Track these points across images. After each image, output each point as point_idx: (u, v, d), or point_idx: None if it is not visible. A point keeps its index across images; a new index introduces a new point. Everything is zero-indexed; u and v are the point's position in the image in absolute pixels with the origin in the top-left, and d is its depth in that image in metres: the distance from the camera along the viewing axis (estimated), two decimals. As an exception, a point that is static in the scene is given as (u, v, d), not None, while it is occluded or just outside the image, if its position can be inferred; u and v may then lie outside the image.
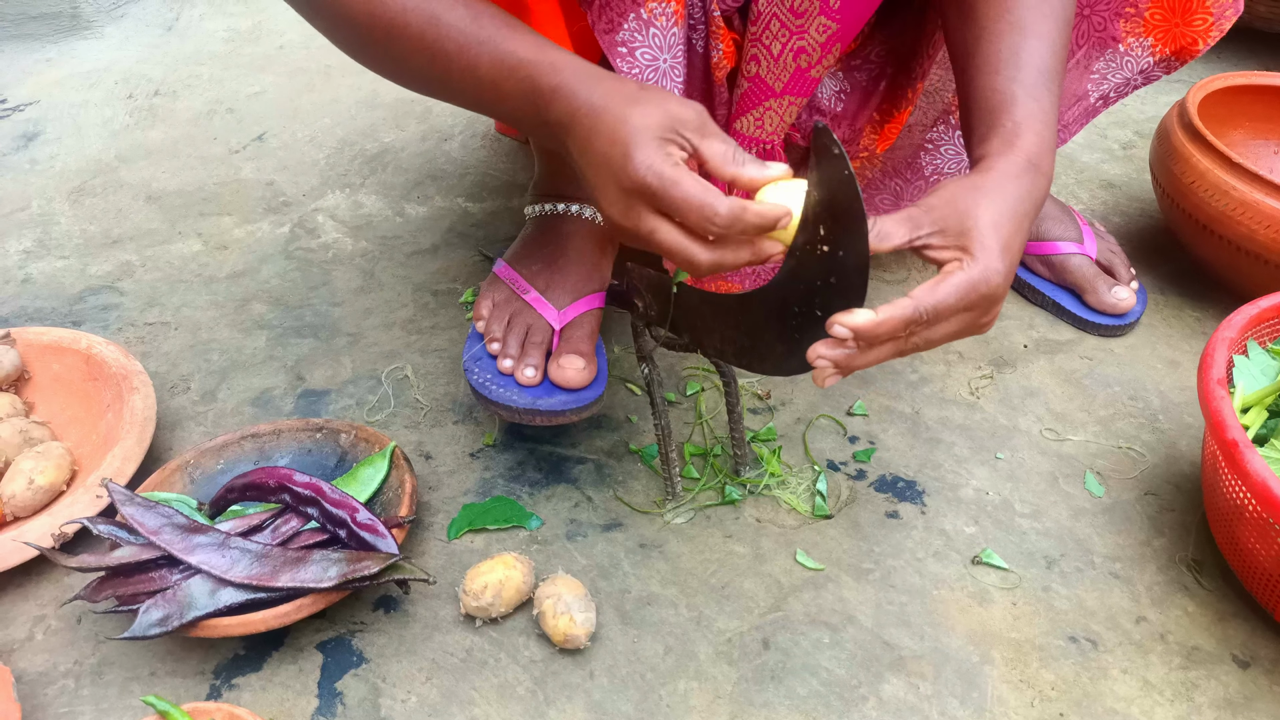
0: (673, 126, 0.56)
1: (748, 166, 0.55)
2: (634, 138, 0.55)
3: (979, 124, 0.66)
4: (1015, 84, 0.66)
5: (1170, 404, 0.93)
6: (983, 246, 0.57)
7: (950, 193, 0.60)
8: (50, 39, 1.61)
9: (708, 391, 0.94)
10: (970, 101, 0.69)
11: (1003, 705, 0.68)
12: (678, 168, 0.54)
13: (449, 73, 0.63)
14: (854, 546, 0.80)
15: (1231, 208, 0.93)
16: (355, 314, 1.04)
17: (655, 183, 0.54)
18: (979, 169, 0.62)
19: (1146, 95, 1.46)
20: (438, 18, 0.61)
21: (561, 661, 0.71)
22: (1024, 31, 0.67)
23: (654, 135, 0.55)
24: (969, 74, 0.69)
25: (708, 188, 0.54)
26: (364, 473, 0.79)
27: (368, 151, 1.33)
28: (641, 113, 0.56)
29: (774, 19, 0.74)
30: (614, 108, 0.57)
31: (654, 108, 0.56)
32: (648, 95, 0.57)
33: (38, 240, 1.16)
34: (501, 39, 0.61)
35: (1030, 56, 0.67)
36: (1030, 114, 0.64)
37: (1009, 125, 0.64)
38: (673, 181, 0.54)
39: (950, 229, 0.58)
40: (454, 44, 0.61)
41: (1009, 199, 0.59)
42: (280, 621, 0.68)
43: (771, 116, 0.80)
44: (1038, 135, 0.63)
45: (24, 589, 0.76)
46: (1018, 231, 0.59)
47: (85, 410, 0.88)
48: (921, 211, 0.59)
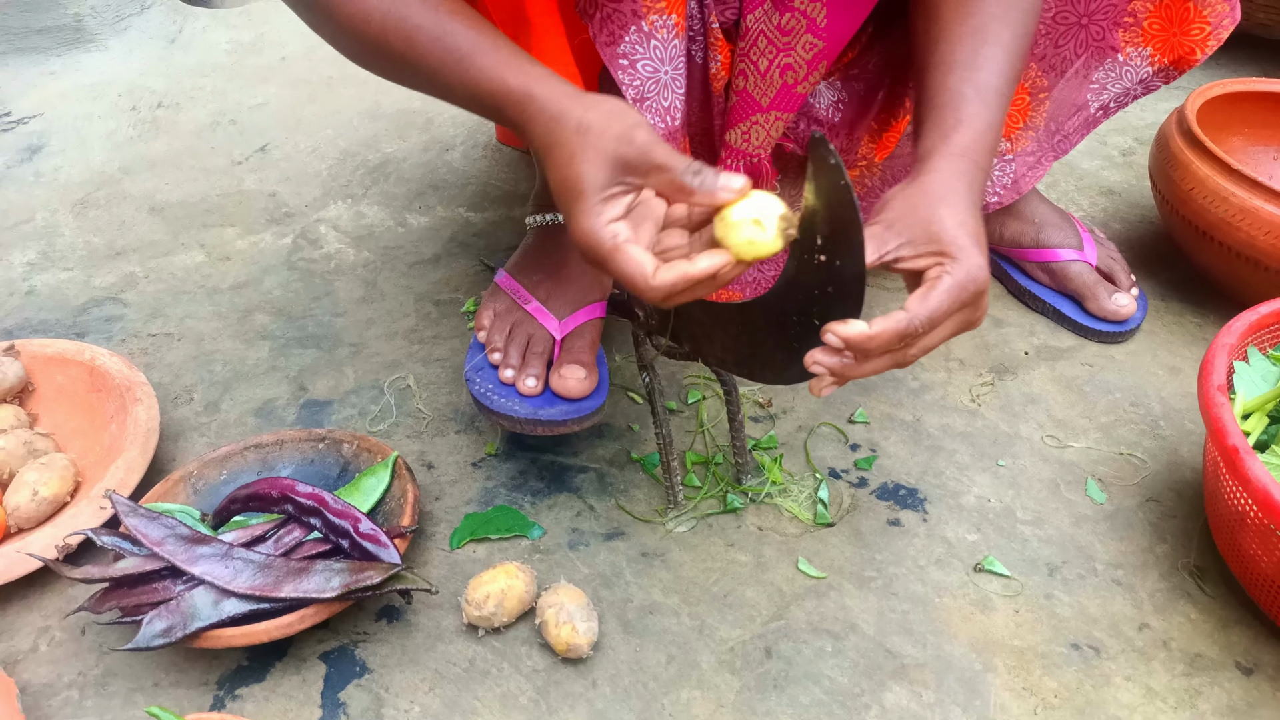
0: (613, 178, 0.56)
1: (699, 193, 0.55)
2: (575, 205, 0.56)
3: (924, 119, 0.68)
4: (966, 84, 0.67)
5: (1171, 410, 0.93)
6: (959, 246, 0.58)
7: (903, 204, 0.61)
8: (54, 52, 1.62)
9: (709, 400, 0.94)
10: (922, 98, 0.70)
11: (1005, 713, 0.68)
12: (614, 240, 0.54)
13: (434, 90, 0.65)
14: (856, 554, 0.80)
15: (1231, 214, 0.94)
16: (357, 324, 1.04)
17: (593, 256, 0.56)
18: (920, 171, 0.64)
19: (1146, 102, 1.46)
20: (412, 39, 0.62)
21: (564, 671, 0.71)
22: (983, 38, 0.69)
23: (595, 199, 0.55)
24: (925, 72, 0.71)
25: (639, 266, 0.54)
26: (366, 483, 0.80)
27: (370, 162, 1.34)
28: (584, 170, 0.56)
29: (761, 35, 0.75)
30: (561, 158, 0.57)
31: (594, 158, 0.56)
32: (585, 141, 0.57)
33: (42, 252, 1.17)
34: (469, 63, 0.62)
35: (985, 60, 0.68)
36: (974, 113, 0.66)
37: (950, 122, 0.66)
38: (608, 257, 0.55)
39: (917, 238, 0.59)
40: (428, 66, 0.63)
41: (960, 195, 0.61)
42: (283, 632, 0.68)
43: (758, 131, 0.80)
44: (977, 132, 0.65)
45: (28, 600, 0.76)
46: (979, 223, 0.61)
47: (89, 421, 0.89)
48: (883, 228, 0.60)
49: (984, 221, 1.07)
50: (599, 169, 0.56)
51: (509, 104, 0.61)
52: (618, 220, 0.56)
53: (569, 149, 0.57)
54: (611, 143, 0.56)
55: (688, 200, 0.56)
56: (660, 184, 0.56)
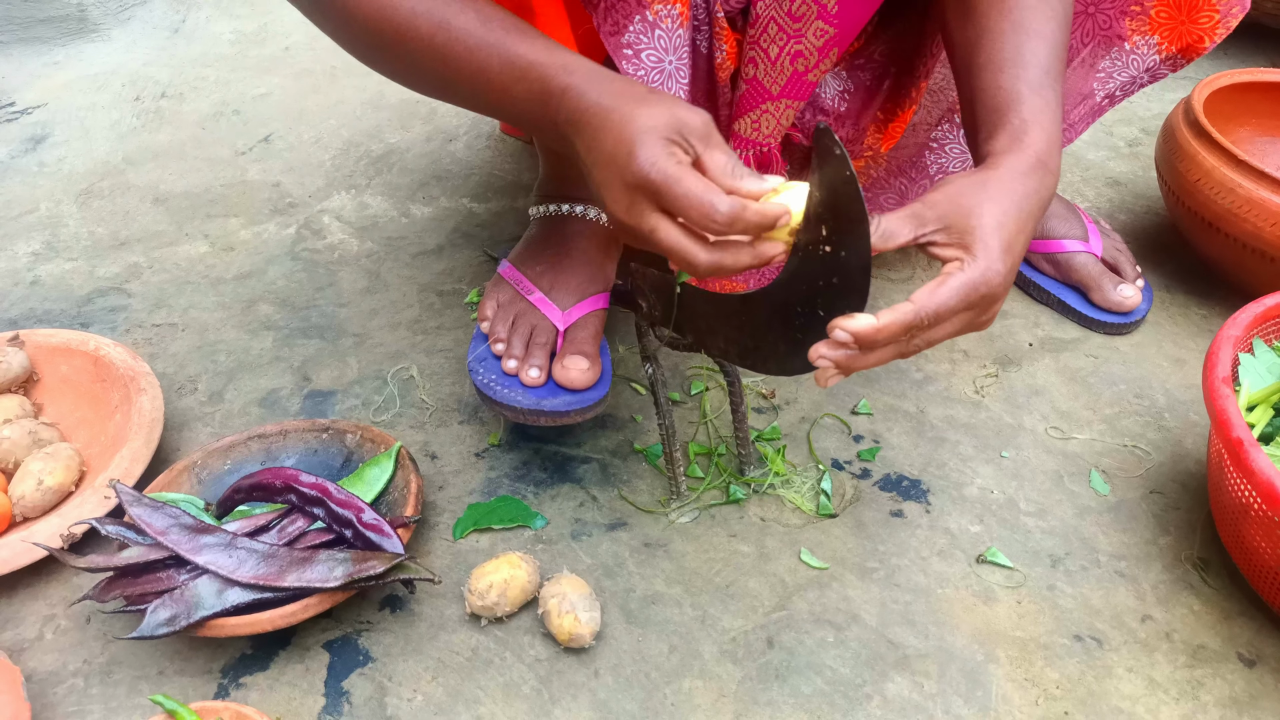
0: (678, 129, 0.56)
1: (746, 180, 0.56)
2: (640, 136, 0.56)
3: (985, 122, 0.66)
4: (1020, 82, 0.66)
5: (1176, 402, 0.93)
6: (984, 246, 0.57)
7: (955, 189, 0.60)
8: (58, 42, 1.62)
9: (712, 391, 0.94)
10: (974, 100, 0.69)
11: (1007, 704, 0.69)
12: (681, 165, 0.55)
13: (459, 75, 0.64)
14: (858, 545, 0.80)
15: (1237, 205, 0.93)
16: (361, 315, 1.04)
17: (659, 178, 0.55)
18: (986, 165, 0.62)
19: (1152, 92, 1.46)
20: (448, 22, 0.62)
21: (566, 660, 0.71)
22: (1026, 31, 0.68)
23: (659, 135, 0.56)
24: (972, 72, 0.69)
25: (709, 186, 0.54)
26: (370, 473, 0.80)
27: (373, 153, 1.34)
28: (648, 113, 0.56)
29: (772, 22, 0.74)
30: (622, 107, 0.57)
31: (661, 110, 0.57)
32: (655, 98, 0.58)
33: (46, 243, 1.17)
34: (512, 42, 0.62)
35: (1033, 56, 0.67)
36: (1037, 111, 0.64)
37: (1016, 123, 0.64)
38: (675, 178, 0.54)
39: (954, 226, 0.58)
40: (464, 47, 0.62)
41: (1014, 197, 0.59)
42: (287, 621, 0.68)
43: (768, 119, 0.80)
44: (1045, 132, 0.63)
45: (33, 589, 0.76)
46: (1021, 231, 0.59)
47: (93, 411, 0.89)
48: (926, 208, 0.59)
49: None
50: (666, 119, 0.56)
51: (560, 73, 0.60)
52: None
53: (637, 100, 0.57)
54: (681, 109, 0.57)
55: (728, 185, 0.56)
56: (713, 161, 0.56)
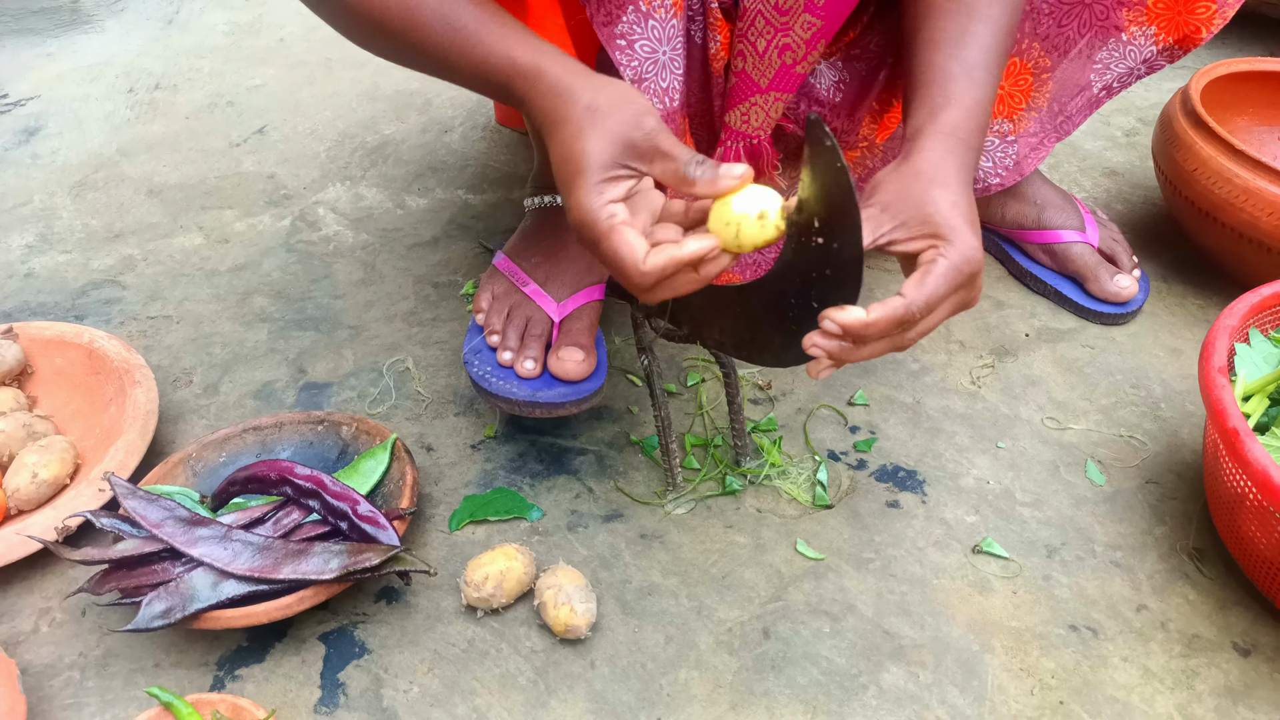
0: (617, 160, 0.55)
1: (700, 183, 0.55)
2: (575, 181, 0.56)
3: (913, 97, 0.68)
4: (953, 61, 0.67)
5: (1172, 392, 0.93)
6: (953, 228, 0.58)
7: (896, 186, 0.61)
8: (51, 33, 1.61)
9: (708, 382, 0.94)
10: (909, 76, 0.70)
11: (1003, 694, 0.69)
12: (610, 221, 0.54)
13: (437, 70, 0.65)
14: (854, 536, 0.80)
15: (1234, 195, 0.93)
16: (356, 306, 1.04)
17: (588, 235, 0.55)
18: (910, 151, 0.63)
19: (1150, 82, 1.45)
20: (414, 18, 0.62)
21: (563, 651, 0.71)
22: (970, 14, 0.69)
23: (597, 178, 0.55)
24: (912, 50, 0.70)
25: (632, 250, 0.54)
26: (365, 465, 0.80)
27: (368, 144, 1.33)
28: (588, 146, 0.56)
29: (759, 15, 0.74)
30: (566, 135, 0.57)
31: (600, 137, 0.56)
32: (594, 119, 0.56)
33: (40, 235, 1.16)
34: (475, 41, 0.61)
35: (973, 38, 0.68)
36: (963, 89, 0.65)
37: (939, 99, 0.65)
38: (603, 238, 0.54)
39: (910, 220, 0.59)
40: (432, 44, 0.62)
41: (953, 175, 0.61)
42: (282, 613, 0.68)
43: (757, 112, 0.80)
44: (966, 109, 0.65)
45: (29, 582, 0.76)
46: (971, 204, 0.61)
47: (88, 404, 0.89)
48: (877, 210, 0.60)
49: (986, 203, 1.07)
50: (604, 149, 0.55)
51: (516, 79, 0.60)
52: (617, 202, 0.56)
53: (576, 125, 0.56)
54: (620, 125, 0.56)
55: (689, 191, 0.55)
56: (664, 172, 0.56)
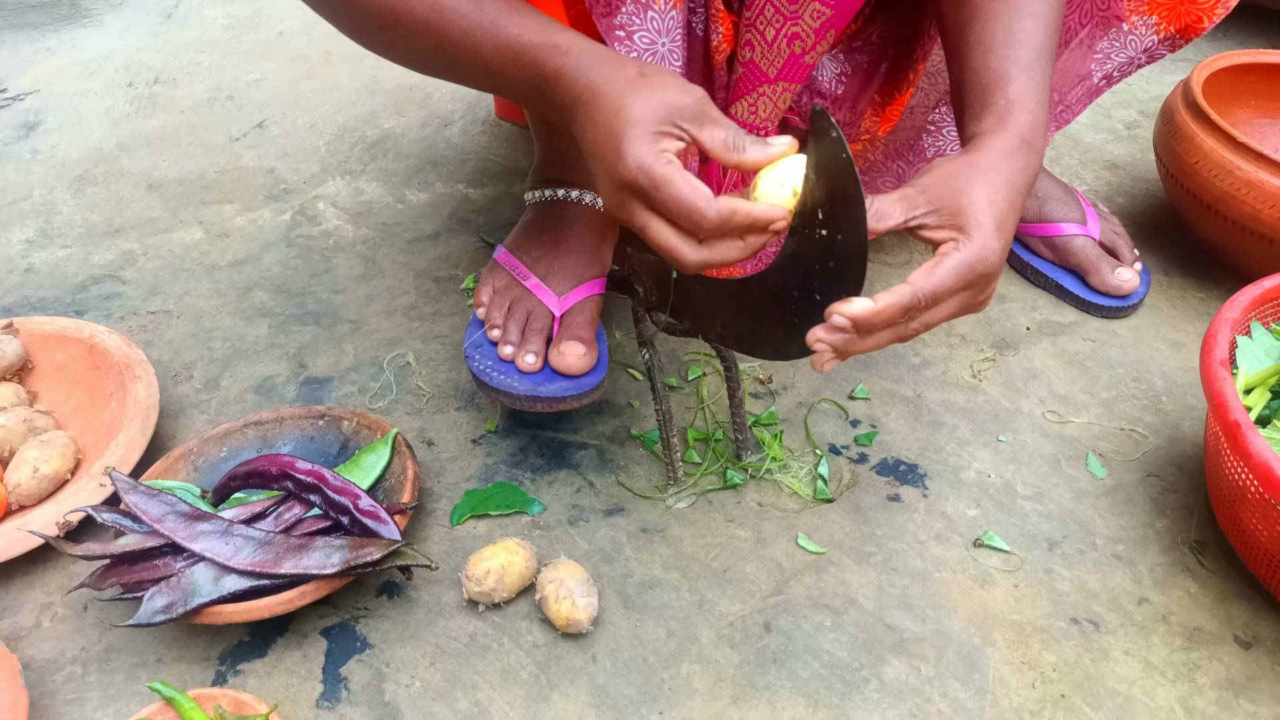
0: (669, 118, 0.55)
1: (749, 151, 0.55)
2: (628, 131, 0.55)
3: (972, 101, 0.66)
4: (1010, 62, 0.65)
5: (1174, 385, 0.93)
6: (978, 225, 0.57)
7: (944, 171, 0.59)
8: (50, 28, 1.61)
9: (709, 376, 0.94)
10: (963, 79, 0.68)
11: (1004, 687, 0.69)
12: (670, 166, 0.54)
13: (455, 57, 0.63)
14: (855, 530, 0.80)
15: (1236, 188, 0.93)
16: (357, 301, 1.04)
17: (645, 183, 0.54)
18: (971, 147, 0.62)
19: (1151, 74, 1.45)
20: (441, 4, 0.61)
21: (564, 646, 0.71)
22: (1018, 11, 0.67)
23: (648, 129, 0.54)
24: (962, 52, 0.69)
25: (696, 190, 0.53)
26: (366, 459, 0.80)
27: (368, 138, 1.33)
28: (638, 103, 0.55)
29: (768, 4, 0.74)
30: (612, 95, 0.56)
31: (651, 96, 0.55)
32: (647, 81, 0.56)
33: (40, 230, 1.16)
34: (505, 23, 0.61)
35: (1025, 36, 0.66)
36: (1025, 92, 0.64)
37: (1003, 103, 0.63)
38: (663, 182, 0.53)
39: (945, 208, 0.58)
40: (458, 29, 0.61)
41: (1003, 176, 0.59)
42: (284, 608, 0.68)
43: (765, 102, 0.80)
44: (1031, 113, 0.63)
45: (30, 577, 0.76)
46: (1012, 209, 0.59)
47: (89, 399, 0.89)
48: (917, 191, 0.58)
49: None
50: (656, 107, 0.55)
51: (554, 55, 0.59)
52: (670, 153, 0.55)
53: (627, 84, 0.56)
54: (671, 90, 0.55)
55: (735, 159, 0.55)
56: (713, 139, 0.55)
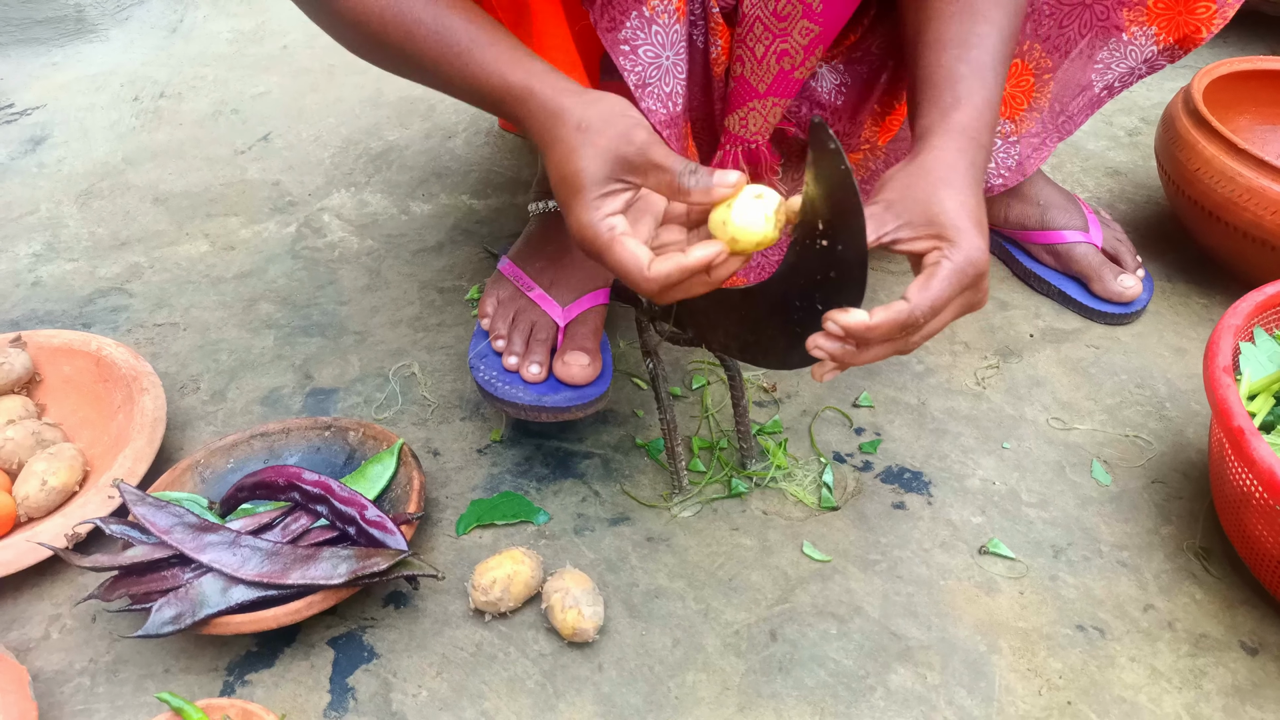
0: (612, 175, 0.56)
1: (694, 192, 0.55)
2: (574, 197, 0.56)
3: (921, 99, 0.68)
4: (961, 62, 0.67)
5: (1177, 391, 0.93)
6: (957, 229, 0.57)
7: (902, 183, 0.60)
8: (56, 43, 1.62)
9: (713, 385, 0.94)
10: (916, 77, 0.70)
11: (1010, 694, 0.69)
12: (610, 234, 0.55)
13: (435, 84, 0.66)
14: (860, 538, 0.80)
15: (1238, 194, 0.93)
16: (362, 312, 1.05)
17: (590, 249, 0.56)
18: (919, 149, 0.63)
19: (1152, 81, 1.45)
20: (412, 34, 0.63)
21: (570, 655, 0.72)
22: (974, 16, 0.69)
23: (594, 193, 0.56)
24: (918, 51, 0.70)
25: (634, 259, 0.54)
26: (372, 470, 0.80)
27: (372, 150, 1.34)
28: (582, 167, 0.56)
29: (758, 21, 0.74)
30: (560, 152, 0.58)
31: (595, 154, 0.56)
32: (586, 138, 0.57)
33: (47, 243, 1.17)
34: (469, 59, 0.62)
35: (978, 39, 0.68)
36: (971, 89, 0.65)
37: (948, 100, 0.65)
38: (605, 249, 0.55)
39: (915, 219, 0.58)
40: (429, 60, 0.63)
41: (960, 174, 0.60)
42: (291, 618, 0.69)
43: (755, 117, 0.80)
44: (977, 109, 0.65)
45: (39, 589, 0.77)
46: (980, 203, 0.60)
47: (96, 411, 0.89)
48: (882, 209, 0.59)
49: (989, 204, 1.07)
50: (598, 165, 0.56)
51: (509, 99, 0.61)
52: (615, 214, 0.56)
53: (568, 145, 0.57)
54: (611, 141, 0.56)
55: (685, 200, 0.56)
56: (658, 184, 0.56)
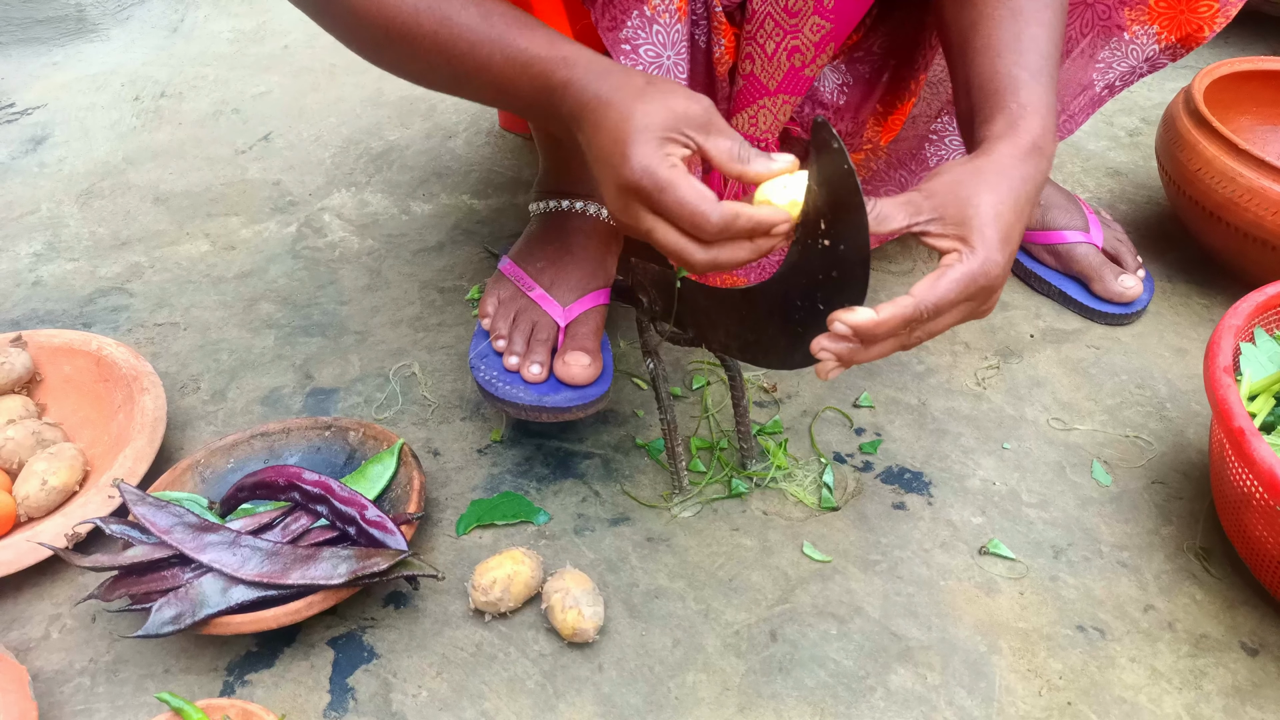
0: (675, 125, 0.55)
1: (753, 163, 0.55)
2: (634, 136, 0.55)
3: (981, 106, 0.66)
4: (1019, 68, 0.65)
5: (1178, 392, 0.93)
6: (982, 238, 0.56)
7: (952, 177, 0.59)
8: (57, 42, 1.62)
9: (713, 385, 0.94)
10: (970, 85, 0.68)
11: (1010, 695, 0.69)
12: (674, 169, 0.54)
13: (463, 71, 0.64)
14: (861, 538, 0.80)
15: (1238, 194, 0.93)
16: (362, 312, 1.05)
17: (650, 185, 0.54)
18: (981, 151, 0.61)
19: (1153, 81, 1.45)
20: (450, 18, 0.62)
21: (570, 655, 0.72)
22: (1024, 18, 0.67)
23: (654, 135, 0.55)
24: (968, 57, 0.69)
25: (701, 194, 0.54)
26: (373, 470, 0.80)
27: (373, 150, 1.34)
28: (645, 110, 0.56)
29: (768, 18, 0.74)
30: (619, 102, 0.57)
31: (659, 104, 0.56)
32: (654, 90, 0.57)
33: (47, 243, 1.17)
34: (513, 36, 0.62)
35: (1032, 42, 0.66)
36: (1035, 97, 0.64)
37: (1014, 108, 0.63)
38: (667, 185, 0.54)
39: (950, 216, 0.57)
40: (466, 43, 0.62)
41: (1012, 184, 0.59)
42: (291, 618, 0.69)
43: (765, 115, 0.80)
44: (1042, 119, 0.63)
45: (39, 588, 0.77)
46: (1018, 220, 0.59)
47: (97, 411, 0.89)
48: (922, 197, 0.58)
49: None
50: (664, 113, 0.55)
51: (561, 66, 0.60)
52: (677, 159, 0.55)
53: (635, 91, 0.57)
54: (678, 98, 0.56)
55: (740, 171, 0.55)
56: (718, 149, 0.56)
